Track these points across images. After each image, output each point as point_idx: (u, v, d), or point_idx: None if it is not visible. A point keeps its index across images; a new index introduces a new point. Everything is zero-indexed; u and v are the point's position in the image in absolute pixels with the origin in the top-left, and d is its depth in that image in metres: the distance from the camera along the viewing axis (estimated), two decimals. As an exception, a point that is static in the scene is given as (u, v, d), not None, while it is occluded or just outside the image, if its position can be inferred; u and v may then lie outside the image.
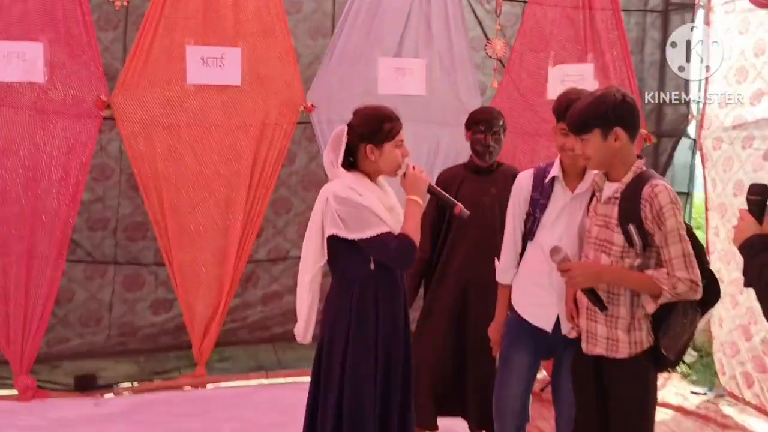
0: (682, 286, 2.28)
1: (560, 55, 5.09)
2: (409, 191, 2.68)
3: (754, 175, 4.55)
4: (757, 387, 4.54)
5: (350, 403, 2.58)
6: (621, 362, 2.43)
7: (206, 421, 4.21)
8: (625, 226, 2.37)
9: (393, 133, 2.65)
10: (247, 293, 5.05)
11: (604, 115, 2.37)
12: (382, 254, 2.58)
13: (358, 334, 2.62)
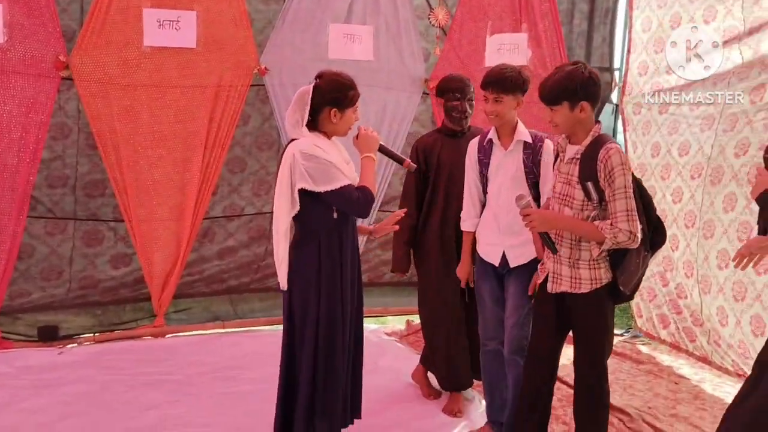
0: (622, 236, 2.67)
1: (497, 25, 5.44)
2: (363, 150, 2.96)
3: (669, 138, 5.04)
4: (673, 327, 5.09)
5: (326, 340, 2.87)
6: (583, 296, 2.82)
7: (169, 366, 4.44)
8: (585, 183, 2.74)
9: (354, 99, 2.91)
10: (203, 248, 5.27)
11: (573, 90, 2.70)
12: (346, 204, 2.85)
13: (329, 278, 2.88)
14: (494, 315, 3.38)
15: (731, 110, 4.51)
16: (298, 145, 2.80)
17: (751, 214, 4.27)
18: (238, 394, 4.04)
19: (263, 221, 5.40)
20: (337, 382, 2.91)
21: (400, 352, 4.93)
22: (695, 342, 4.89)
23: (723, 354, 4.61)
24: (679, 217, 4.90)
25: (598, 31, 5.81)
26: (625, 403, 4.05)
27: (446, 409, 3.91)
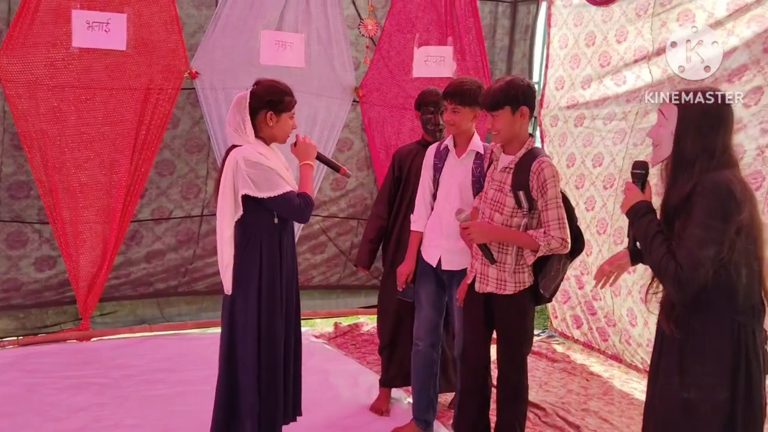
0: (555, 243, 2.88)
1: (424, 37, 5.64)
2: (302, 158, 3.08)
3: (584, 149, 5.34)
4: (585, 327, 5.39)
5: (267, 342, 2.95)
6: (508, 297, 3.00)
7: (95, 369, 4.42)
8: (516, 192, 2.93)
9: (290, 105, 3.02)
10: (130, 251, 5.23)
11: (515, 96, 2.91)
12: (288, 210, 2.95)
13: (270, 282, 2.96)
14: (428, 317, 3.53)
15: (641, 125, 4.83)
16: (241, 152, 2.87)
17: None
18: (166, 396, 4.07)
19: (192, 224, 5.41)
20: (278, 382, 2.99)
21: (329, 354, 5.04)
22: (607, 341, 5.19)
23: (633, 352, 4.92)
24: (591, 224, 5.19)
25: (518, 46, 6.10)
26: (540, 398, 4.29)
27: (373, 407, 4.05)
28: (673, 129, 2.20)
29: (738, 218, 2.06)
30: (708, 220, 2.05)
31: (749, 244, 2.12)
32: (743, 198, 2.07)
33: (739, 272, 2.10)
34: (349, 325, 5.73)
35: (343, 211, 5.93)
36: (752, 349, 2.11)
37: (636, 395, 4.48)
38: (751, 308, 2.14)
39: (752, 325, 2.13)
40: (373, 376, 4.55)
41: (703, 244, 2.04)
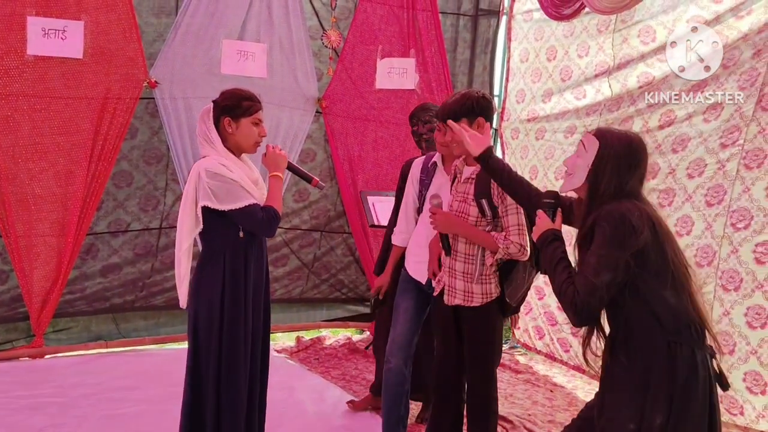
0: (513, 248, 2.89)
1: (387, 49, 5.66)
2: (271, 168, 3.00)
3: (546, 162, 5.41)
4: (548, 338, 5.43)
5: (228, 359, 2.86)
6: (475, 309, 2.98)
7: (51, 388, 4.24)
8: (479, 200, 2.94)
9: (251, 110, 2.91)
10: (86, 265, 5.08)
11: (470, 107, 2.93)
12: (250, 224, 2.86)
13: (233, 297, 2.87)
14: (404, 333, 3.46)
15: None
16: (203, 164, 2.81)
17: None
18: (126, 416, 3.92)
19: (150, 237, 5.28)
20: (240, 402, 2.90)
21: (291, 368, 4.96)
22: (569, 352, 5.23)
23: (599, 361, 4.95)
24: (556, 237, 5.22)
25: (479, 59, 6.15)
26: (507, 411, 4.28)
27: (357, 405, 4.10)
28: (590, 162, 2.25)
29: (634, 243, 2.10)
30: (603, 247, 2.12)
31: (669, 269, 2.16)
32: (640, 224, 2.11)
33: (661, 295, 2.14)
34: (311, 339, 5.66)
35: (306, 223, 5.87)
36: (688, 369, 2.10)
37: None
38: (687, 327, 2.14)
39: (690, 345, 2.13)
40: (339, 391, 4.50)
41: (598, 270, 2.10)
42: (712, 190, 4.13)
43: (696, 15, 4.28)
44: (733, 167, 4.02)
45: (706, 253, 4.15)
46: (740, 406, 4.03)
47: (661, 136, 4.48)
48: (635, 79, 4.68)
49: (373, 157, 5.69)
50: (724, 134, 4.09)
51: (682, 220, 4.30)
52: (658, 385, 2.10)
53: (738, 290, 3.98)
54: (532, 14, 5.65)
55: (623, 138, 2.26)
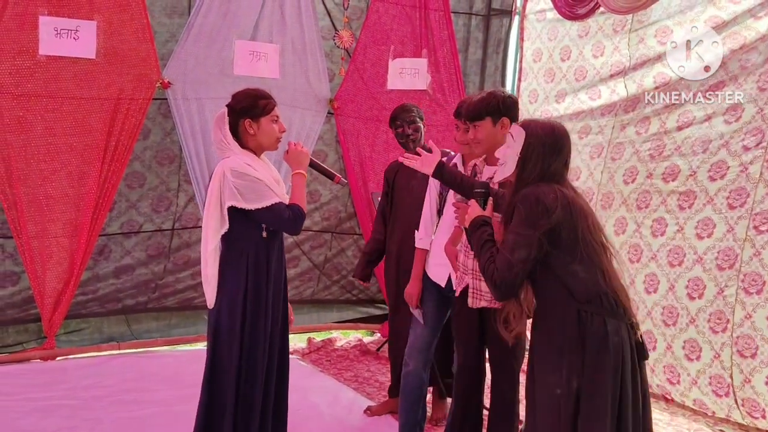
0: None
1: (399, 49, 5.63)
2: (294, 166, 2.98)
3: (559, 162, 5.36)
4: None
5: (248, 360, 2.85)
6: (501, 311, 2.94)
7: (63, 390, 4.23)
8: None
9: (268, 108, 2.91)
10: (98, 266, 5.05)
11: (496, 107, 2.93)
12: (277, 222, 2.85)
13: (255, 297, 2.86)
14: (424, 336, 3.41)
15: (618, 140, 4.87)
16: (228, 163, 2.79)
17: (641, 238, 4.63)
18: (141, 417, 3.89)
19: (162, 238, 5.26)
20: (255, 402, 2.88)
21: (304, 370, 4.93)
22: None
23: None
24: (572, 239, 5.19)
25: (491, 59, 6.11)
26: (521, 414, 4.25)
27: (376, 411, 4.08)
28: (519, 151, 2.43)
29: (546, 223, 2.28)
30: (519, 227, 2.32)
31: (581, 245, 2.33)
32: (553, 205, 2.29)
33: (572, 269, 2.33)
34: (322, 341, 5.64)
35: (317, 225, 5.84)
36: (597, 336, 2.27)
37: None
38: (597, 298, 2.31)
39: (600, 315, 2.30)
40: (352, 393, 4.48)
41: (514, 248, 2.31)
42: (735, 192, 4.09)
43: (714, 15, 4.24)
44: (756, 170, 3.97)
45: (728, 256, 4.10)
46: (762, 409, 3.98)
47: (680, 137, 4.44)
48: (651, 80, 4.64)
49: (384, 158, 5.65)
50: (746, 136, 4.05)
51: (703, 222, 4.26)
52: (571, 351, 2.29)
53: (760, 293, 3.93)
54: (546, 14, 5.60)
55: (547, 126, 2.46)
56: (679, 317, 4.37)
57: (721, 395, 4.18)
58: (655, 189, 4.57)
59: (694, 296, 4.28)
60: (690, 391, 4.37)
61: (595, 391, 2.24)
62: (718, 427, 4.26)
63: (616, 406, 2.26)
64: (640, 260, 4.63)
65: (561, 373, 2.28)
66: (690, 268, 4.31)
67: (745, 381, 4.02)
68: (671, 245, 4.44)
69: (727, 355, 4.10)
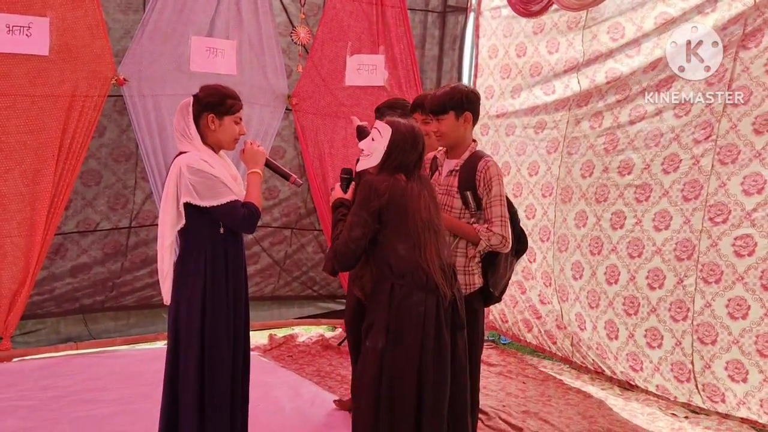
0: (495, 239, 2.95)
1: (356, 46, 5.66)
2: (250, 165, 2.99)
3: (518, 158, 5.47)
4: (536, 330, 5.51)
5: (210, 358, 2.85)
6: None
7: (20, 391, 4.17)
8: (464, 192, 2.99)
9: (234, 109, 2.95)
10: (54, 265, 4.99)
11: (459, 101, 3.01)
12: (231, 220, 2.86)
13: (214, 293, 2.87)
14: None
15: (573, 134, 4.98)
16: (184, 159, 2.79)
17: (601, 230, 4.77)
18: (101, 416, 3.87)
19: (119, 236, 5.21)
20: (224, 402, 2.89)
21: (266, 366, 4.93)
22: (556, 344, 5.32)
23: (584, 354, 5.06)
24: (534, 232, 5.31)
25: (447, 56, 6.18)
26: (482, 403, 4.30)
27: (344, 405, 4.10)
28: (386, 145, 2.72)
29: (374, 206, 2.63)
30: (356, 208, 2.68)
31: (405, 227, 2.66)
32: (383, 191, 2.63)
33: (395, 247, 2.66)
34: (284, 337, 5.65)
35: (277, 221, 5.85)
36: (402, 306, 2.63)
37: (572, 396, 4.61)
38: (411, 273, 2.64)
39: (409, 288, 2.64)
40: (314, 387, 4.50)
41: (352, 227, 2.65)
42: (689, 185, 4.23)
43: (663, 12, 4.37)
44: (708, 162, 4.12)
45: (685, 247, 4.25)
46: (722, 393, 4.14)
47: (633, 131, 4.58)
48: (603, 75, 4.77)
49: (343, 153, 5.68)
50: (696, 130, 4.19)
51: (659, 215, 4.40)
52: (380, 316, 2.67)
53: (719, 282, 4.09)
54: (501, 11, 5.69)
55: (409, 126, 2.78)
56: (641, 307, 4.52)
57: (682, 381, 4.33)
58: (612, 182, 4.70)
59: (654, 286, 4.43)
60: (653, 377, 4.53)
61: (398, 352, 2.62)
62: (671, 410, 4.40)
63: (416, 368, 2.62)
64: (601, 252, 4.76)
65: (375, 332, 2.67)
66: (649, 259, 4.45)
67: (706, 367, 4.19)
68: (630, 237, 4.58)
69: (688, 342, 4.25)
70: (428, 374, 2.63)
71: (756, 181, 3.92)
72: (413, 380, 2.62)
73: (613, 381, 4.85)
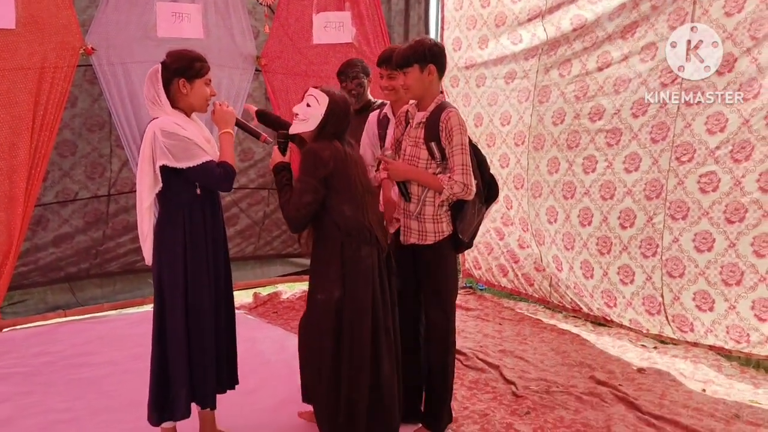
0: (457, 187, 3.05)
1: (322, 4, 5.68)
2: (221, 126, 3.08)
3: (489, 108, 5.56)
4: (511, 274, 5.69)
5: (195, 313, 2.97)
6: (430, 247, 3.17)
7: (12, 359, 4.30)
8: (429, 143, 3.09)
9: (203, 71, 3.01)
10: (37, 236, 5.07)
11: (422, 54, 3.08)
12: (208, 180, 2.95)
13: (194, 254, 2.97)
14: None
15: (543, 83, 5.08)
16: (158, 124, 2.86)
17: (574, 175, 4.92)
18: (93, 378, 4.02)
19: (99, 205, 5.29)
20: (207, 352, 3.01)
21: (251, 323, 5.09)
22: (533, 286, 5.51)
23: (562, 294, 5.25)
24: (508, 180, 5.45)
25: (413, 9, 6.22)
26: (460, 345, 4.45)
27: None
28: (323, 112, 2.95)
29: (321, 173, 2.87)
30: (303, 175, 2.89)
31: (348, 191, 2.93)
32: (328, 158, 2.87)
33: (341, 209, 2.92)
34: (268, 295, 5.79)
35: (253, 182, 5.94)
36: (353, 260, 2.93)
37: (547, 334, 4.81)
38: (357, 231, 2.94)
39: (357, 243, 2.93)
40: (299, 340, 4.65)
41: (301, 193, 2.87)
42: (656, 127, 4.38)
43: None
44: (674, 106, 4.26)
45: (654, 187, 4.43)
46: (690, 323, 4.36)
47: (601, 77, 4.70)
48: (568, 22, 4.85)
49: (315, 112, 5.74)
50: (663, 73, 4.31)
51: (630, 157, 4.56)
52: (334, 270, 2.94)
53: (685, 218, 4.28)
54: (464, -38, 5.71)
55: (343, 97, 3.02)
56: (613, 246, 4.70)
57: (653, 314, 4.55)
58: (583, 128, 4.83)
59: (626, 225, 4.61)
60: (626, 312, 4.74)
61: (354, 298, 2.93)
62: (640, 342, 4.62)
63: (371, 312, 2.95)
64: (574, 196, 4.92)
65: (325, 284, 2.95)
66: (621, 200, 4.62)
67: (675, 299, 4.40)
68: (602, 180, 4.73)
69: (658, 276, 4.46)
70: (379, 316, 2.99)
71: (718, 120, 4.08)
72: (369, 323, 2.95)
73: (589, 317, 5.06)
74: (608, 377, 4.02)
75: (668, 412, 3.54)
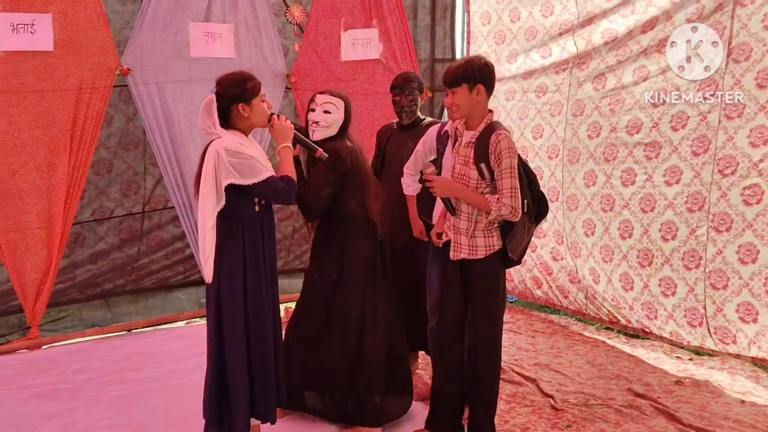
0: (505, 210, 3.08)
1: (349, 21, 5.76)
2: (280, 140, 3.11)
3: (521, 122, 5.60)
4: (545, 286, 5.71)
5: (256, 329, 3.01)
6: (480, 261, 3.19)
7: (54, 376, 4.34)
8: (479, 164, 3.11)
9: (257, 89, 3.05)
10: (75, 254, 5.16)
11: (472, 74, 3.07)
12: (272, 194, 2.99)
13: (254, 269, 3.02)
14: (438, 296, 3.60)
15: (577, 97, 5.12)
16: (221, 143, 2.89)
17: (612, 188, 4.95)
18: (134, 394, 4.05)
19: (134, 222, 5.38)
20: (269, 367, 3.06)
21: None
22: (568, 298, 5.51)
23: (599, 306, 5.25)
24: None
25: (440, 24, 6.29)
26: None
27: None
28: (342, 116, 3.45)
29: (341, 169, 3.33)
30: (324, 170, 3.31)
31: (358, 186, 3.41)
32: (345, 155, 3.34)
33: (349, 203, 3.37)
34: (299, 309, 5.81)
35: (283, 198, 5.98)
36: (353, 249, 3.42)
37: (581, 347, 4.81)
38: (360, 223, 3.42)
39: (358, 235, 3.41)
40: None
41: (322, 186, 3.31)
42: (697, 140, 4.40)
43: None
44: (715, 118, 4.29)
45: (696, 199, 4.45)
46: (733, 335, 4.37)
47: (637, 91, 4.71)
48: (599, 36, 4.89)
49: (344, 127, 5.81)
50: (702, 87, 4.34)
51: (670, 170, 4.58)
52: (335, 256, 3.44)
53: (729, 231, 4.30)
54: (490, -23, 5.77)
55: (348, 98, 3.53)
56: (654, 258, 4.71)
57: (695, 326, 4.55)
58: (620, 142, 4.85)
59: (667, 238, 4.63)
60: (666, 324, 4.73)
61: (347, 281, 3.41)
62: (675, 354, 4.61)
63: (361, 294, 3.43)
64: (613, 209, 4.94)
65: (324, 267, 3.44)
66: (662, 212, 4.64)
67: (717, 311, 4.41)
68: (642, 193, 4.75)
69: (701, 288, 4.47)
70: (368, 298, 3.47)
71: (762, 133, 4.12)
72: (359, 303, 3.43)
73: (627, 329, 5.06)
74: (646, 389, 4.02)
75: (709, 424, 3.54)
